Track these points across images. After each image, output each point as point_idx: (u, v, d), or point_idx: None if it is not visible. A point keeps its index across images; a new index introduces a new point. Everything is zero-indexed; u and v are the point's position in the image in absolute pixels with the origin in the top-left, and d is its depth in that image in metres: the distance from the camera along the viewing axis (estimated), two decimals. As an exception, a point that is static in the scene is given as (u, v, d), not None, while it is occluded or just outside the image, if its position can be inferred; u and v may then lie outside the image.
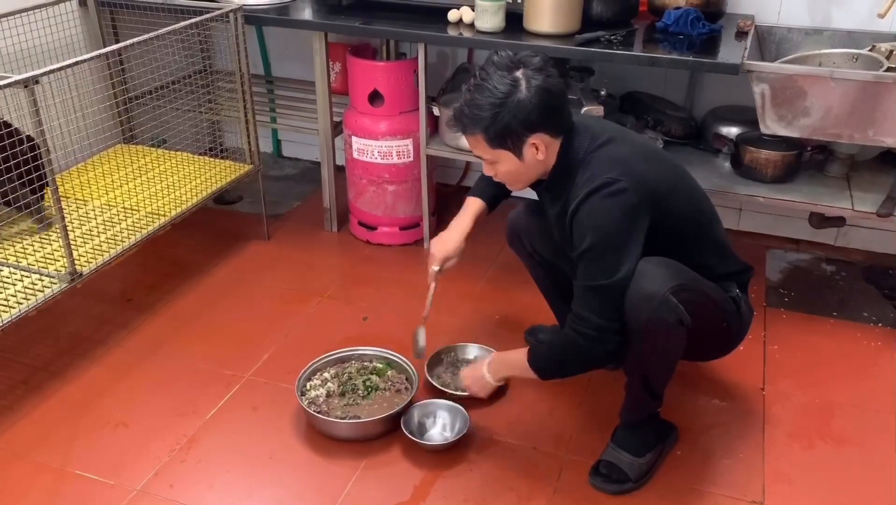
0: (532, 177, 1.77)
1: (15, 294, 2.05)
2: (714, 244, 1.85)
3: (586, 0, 2.41)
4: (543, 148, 1.69)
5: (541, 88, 1.63)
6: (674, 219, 1.74)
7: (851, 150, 2.49)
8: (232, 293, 2.61)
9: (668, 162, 1.83)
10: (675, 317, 1.65)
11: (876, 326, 2.46)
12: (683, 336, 1.70)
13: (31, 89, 1.89)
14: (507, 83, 1.62)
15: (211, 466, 1.93)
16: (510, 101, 1.62)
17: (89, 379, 2.20)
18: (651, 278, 1.65)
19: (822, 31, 2.52)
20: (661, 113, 2.67)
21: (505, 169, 1.74)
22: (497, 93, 1.62)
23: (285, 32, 3.13)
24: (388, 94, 2.67)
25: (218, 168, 2.75)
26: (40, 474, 1.89)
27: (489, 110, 1.63)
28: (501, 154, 1.70)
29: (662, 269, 1.67)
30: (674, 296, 1.64)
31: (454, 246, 1.99)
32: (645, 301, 1.64)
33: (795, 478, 1.91)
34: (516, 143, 1.67)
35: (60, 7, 2.63)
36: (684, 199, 1.79)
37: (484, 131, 1.66)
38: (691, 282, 1.71)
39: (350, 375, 2.14)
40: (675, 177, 1.79)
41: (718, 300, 1.79)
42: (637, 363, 1.77)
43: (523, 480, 1.89)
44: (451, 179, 3.27)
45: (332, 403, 2.06)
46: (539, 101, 1.63)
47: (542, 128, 1.66)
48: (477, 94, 1.65)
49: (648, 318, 1.65)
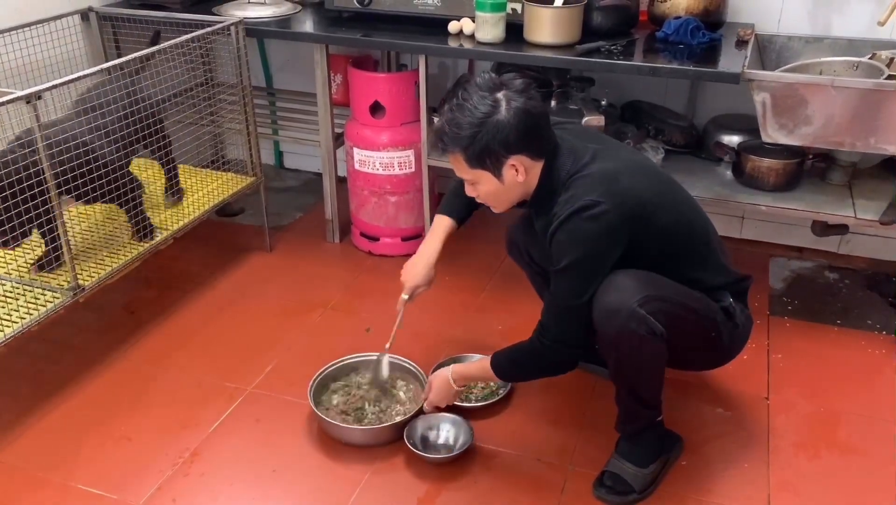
0: (514, 198, 1.78)
1: (17, 308, 2.06)
2: (705, 256, 1.84)
3: (586, 10, 2.41)
4: (523, 170, 1.69)
5: (521, 110, 1.64)
6: (660, 233, 1.73)
7: (853, 158, 2.49)
8: (234, 306, 2.61)
9: (655, 175, 1.82)
10: (645, 328, 1.65)
11: (880, 333, 2.45)
12: (659, 346, 1.70)
13: (33, 105, 1.90)
14: (488, 104, 1.64)
15: (214, 479, 1.92)
16: (489, 122, 1.63)
17: (92, 393, 2.20)
18: (618, 291, 1.66)
19: (822, 40, 2.52)
20: (663, 122, 2.67)
21: (485, 190, 1.75)
22: (477, 113, 1.63)
23: (287, 45, 3.14)
24: (389, 106, 2.67)
25: (220, 180, 2.75)
26: (43, 490, 1.89)
27: (468, 129, 1.64)
28: (481, 175, 1.71)
29: (630, 280, 1.68)
30: (641, 307, 1.64)
31: (424, 273, 2.01)
32: (612, 314, 1.66)
33: (801, 488, 1.90)
34: (495, 164, 1.68)
35: (63, 22, 2.64)
36: (672, 212, 1.77)
37: (463, 151, 1.67)
38: (663, 292, 1.70)
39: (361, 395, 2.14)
40: (662, 190, 1.78)
41: (700, 309, 1.77)
42: (619, 375, 1.78)
43: (527, 493, 1.88)
44: (453, 190, 3.27)
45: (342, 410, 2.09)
46: (518, 123, 1.63)
47: (521, 149, 1.67)
48: (458, 114, 1.66)
49: (618, 331, 1.66)
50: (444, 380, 1.99)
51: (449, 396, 2.01)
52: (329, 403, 2.11)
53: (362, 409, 2.09)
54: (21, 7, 2.54)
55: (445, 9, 2.55)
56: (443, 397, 2.01)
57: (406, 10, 2.60)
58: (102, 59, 2.76)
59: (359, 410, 2.08)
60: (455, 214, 2.03)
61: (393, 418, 2.05)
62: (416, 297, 2.04)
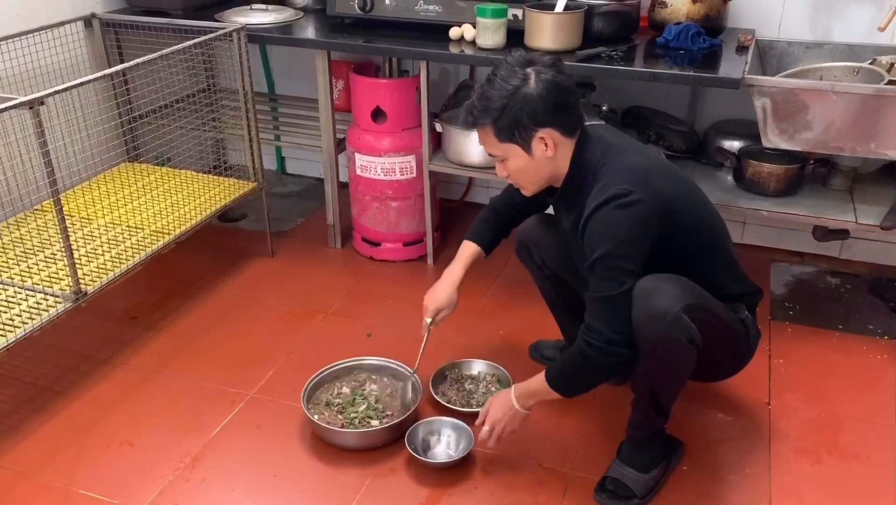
0: (543, 176, 1.76)
1: (20, 313, 2.06)
2: (725, 263, 1.84)
3: (587, 16, 2.42)
4: (553, 144, 1.69)
5: (550, 82, 1.65)
6: (685, 235, 1.73)
7: (854, 163, 2.49)
8: (236, 311, 2.61)
9: (681, 178, 1.82)
10: (686, 336, 1.65)
11: (882, 338, 2.45)
12: (693, 355, 1.69)
13: (36, 110, 1.91)
14: (518, 77, 1.66)
15: (216, 484, 1.93)
16: (519, 94, 1.64)
17: (94, 398, 2.21)
18: (663, 296, 1.64)
19: (822, 45, 2.53)
20: (664, 127, 2.67)
21: (515, 166, 1.74)
22: (507, 86, 1.65)
23: (288, 51, 3.16)
24: (390, 111, 2.68)
25: (222, 186, 2.76)
26: (45, 494, 1.89)
27: (498, 102, 1.66)
28: (510, 148, 1.71)
29: (674, 286, 1.66)
30: (686, 314, 1.64)
31: (446, 298, 2.01)
32: (657, 319, 1.63)
33: (802, 493, 1.90)
34: (524, 137, 1.68)
35: (66, 28, 2.65)
36: (696, 215, 1.78)
37: (493, 123, 1.68)
38: (703, 301, 1.70)
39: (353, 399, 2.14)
40: (687, 193, 1.79)
41: (728, 321, 1.78)
42: (646, 380, 1.77)
43: (529, 498, 1.88)
44: (455, 195, 3.28)
45: (335, 415, 2.08)
46: (547, 95, 1.64)
47: (550, 122, 1.67)
48: (488, 88, 1.68)
49: (660, 336, 1.64)
50: (507, 402, 1.85)
51: (517, 419, 1.86)
52: (319, 405, 2.11)
53: (352, 407, 2.10)
54: (24, 13, 2.55)
55: (446, 15, 2.56)
56: (509, 420, 1.85)
57: (407, 16, 2.61)
58: (105, 65, 2.77)
59: (349, 408, 2.09)
60: (482, 242, 2.03)
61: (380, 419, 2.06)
62: (439, 321, 2.04)
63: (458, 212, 3.19)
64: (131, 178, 2.76)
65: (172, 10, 2.81)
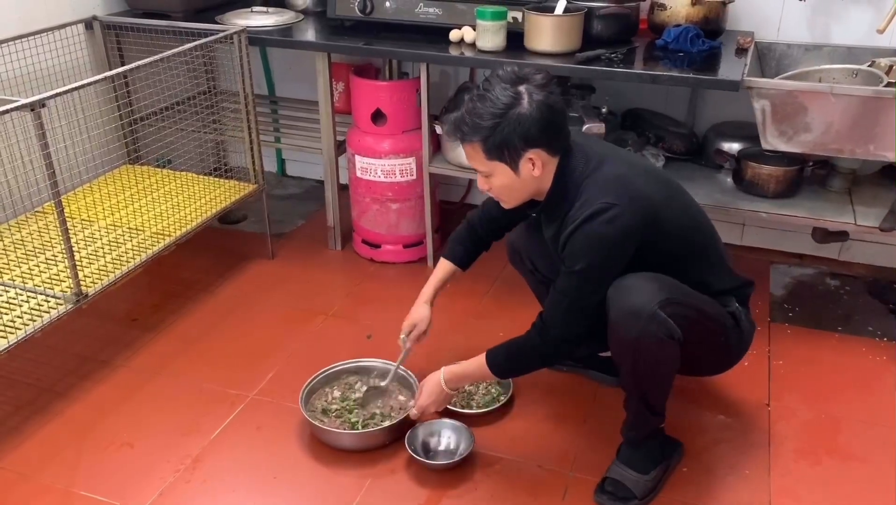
0: (526, 193, 1.77)
1: (21, 315, 2.07)
2: (712, 261, 1.85)
3: (587, 19, 2.43)
4: (540, 164, 1.69)
5: (543, 104, 1.64)
6: (670, 235, 1.74)
7: (853, 165, 2.50)
8: (236, 312, 2.62)
9: (664, 179, 1.83)
10: (664, 331, 1.66)
11: (881, 340, 2.46)
12: (675, 350, 1.70)
13: (37, 112, 1.91)
14: (510, 95, 1.64)
15: (216, 486, 1.93)
16: (511, 114, 1.63)
17: (94, 399, 2.21)
18: (638, 293, 1.66)
19: (821, 47, 2.53)
20: (663, 129, 2.68)
21: (499, 183, 1.74)
22: (499, 104, 1.64)
23: (289, 53, 3.16)
24: (390, 114, 2.68)
25: (222, 188, 2.77)
26: (45, 495, 1.89)
27: (490, 120, 1.64)
28: (497, 167, 1.71)
29: (650, 283, 1.68)
30: (662, 310, 1.65)
31: (418, 314, 2.07)
32: (633, 317, 1.65)
33: (802, 494, 1.90)
34: (513, 157, 1.68)
35: (67, 31, 2.66)
36: (681, 216, 1.79)
37: (483, 141, 1.67)
38: (681, 296, 1.71)
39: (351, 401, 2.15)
40: (670, 194, 1.80)
41: (713, 314, 1.78)
42: (632, 380, 1.78)
43: (528, 499, 1.88)
44: (455, 197, 3.29)
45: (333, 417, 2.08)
46: (540, 117, 1.64)
47: (540, 144, 1.67)
48: (479, 104, 1.66)
49: (638, 334, 1.66)
50: (436, 384, 1.95)
51: (440, 399, 1.97)
52: (316, 407, 2.12)
53: (349, 410, 2.10)
54: (26, 16, 2.56)
55: (446, 17, 2.56)
56: (433, 401, 1.96)
57: (407, 18, 2.61)
58: (106, 67, 2.78)
59: (347, 409, 2.10)
60: (456, 259, 2.07)
61: (379, 420, 2.06)
62: (414, 338, 2.08)
63: (458, 214, 3.19)
64: (132, 180, 2.77)
65: (173, 13, 2.81)
